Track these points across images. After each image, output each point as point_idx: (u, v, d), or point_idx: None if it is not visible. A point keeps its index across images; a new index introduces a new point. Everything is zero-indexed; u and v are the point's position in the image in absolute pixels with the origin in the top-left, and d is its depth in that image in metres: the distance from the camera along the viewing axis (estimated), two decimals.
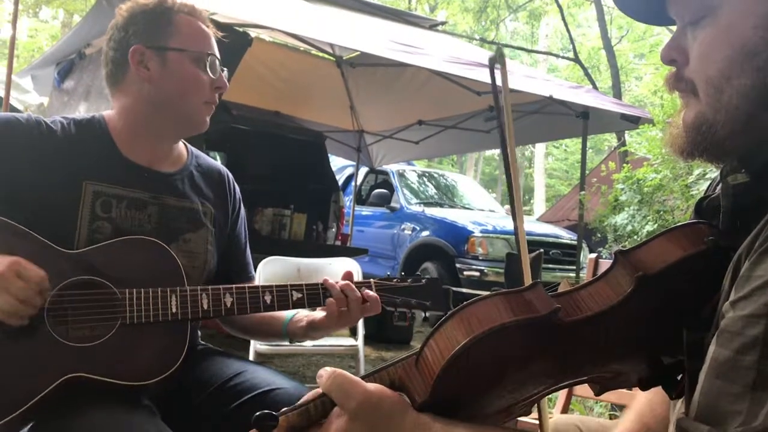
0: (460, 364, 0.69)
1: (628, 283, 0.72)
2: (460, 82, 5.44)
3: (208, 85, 1.50)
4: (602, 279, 0.75)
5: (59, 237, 1.35)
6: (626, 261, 0.74)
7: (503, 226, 7.59)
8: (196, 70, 1.49)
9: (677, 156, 0.79)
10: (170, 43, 1.47)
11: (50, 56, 5.62)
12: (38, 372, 1.24)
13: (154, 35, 1.46)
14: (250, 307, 1.42)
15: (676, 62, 0.79)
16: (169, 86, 1.47)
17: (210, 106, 1.54)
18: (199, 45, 1.50)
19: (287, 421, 0.75)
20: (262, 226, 5.72)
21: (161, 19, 1.47)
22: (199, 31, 1.51)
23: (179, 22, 1.48)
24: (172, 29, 1.47)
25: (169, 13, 1.48)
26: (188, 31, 1.49)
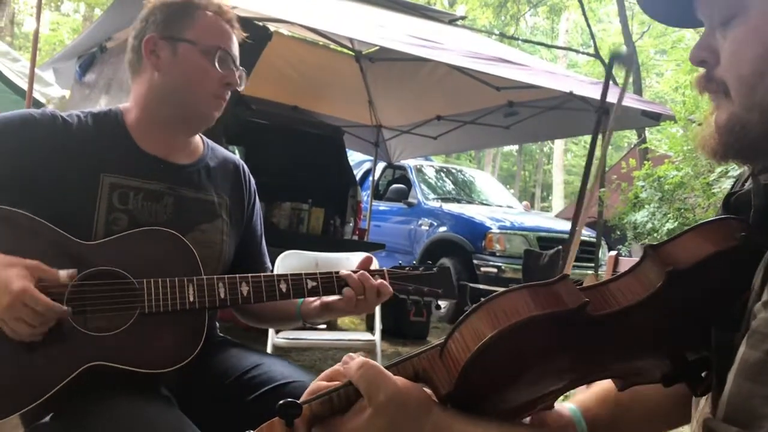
0: (486, 357, 0.68)
1: (658, 278, 0.71)
2: (480, 77, 5.41)
3: (216, 78, 1.50)
4: (631, 273, 0.74)
5: (77, 229, 1.36)
6: (656, 255, 0.73)
7: (521, 223, 7.56)
8: (205, 62, 1.48)
9: (710, 158, 0.78)
10: (184, 34, 1.47)
11: (72, 49, 5.66)
12: (59, 361, 1.25)
13: (170, 26, 1.47)
14: (266, 295, 1.42)
15: (707, 63, 0.78)
16: (177, 75, 1.48)
17: (218, 100, 1.53)
18: (213, 39, 1.49)
19: (310, 410, 0.74)
20: (280, 220, 5.73)
21: (182, 11, 1.48)
22: (217, 28, 1.51)
23: (199, 16, 1.49)
24: (189, 22, 1.48)
25: (193, 8, 1.49)
26: (205, 25, 1.49)
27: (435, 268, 1.57)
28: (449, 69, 5.53)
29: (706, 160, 4.67)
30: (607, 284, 0.75)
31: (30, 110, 1.49)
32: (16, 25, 20.39)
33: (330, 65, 6.57)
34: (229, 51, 1.52)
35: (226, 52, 1.51)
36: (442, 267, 1.58)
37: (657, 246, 0.74)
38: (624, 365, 0.77)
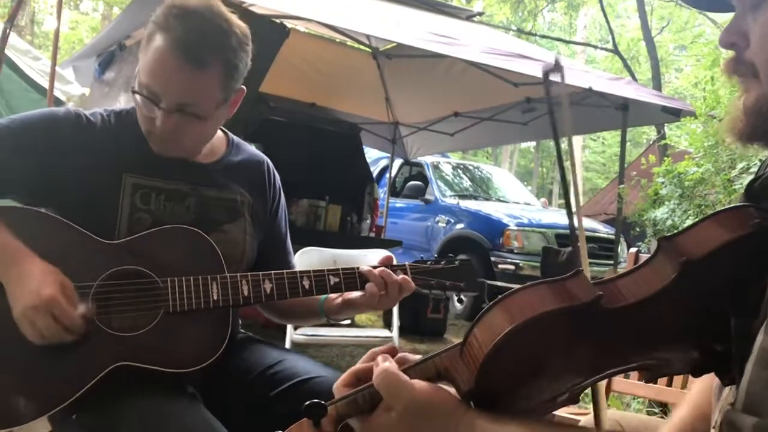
0: (504, 353, 0.68)
1: (672, 269, 0.71)
2: (497, 73, 5.39)
3: (147, 117, 1.39)
4: (646, 266, 0.74)
5: (101, 228, 1.37)
6: (670, 246, 0.73)
7: (539, 219, 7.53)
8: (137, 98, 1.39)
9: (736, 141, 0.77)
10: (141, 59, 1.38)
11: (91, 48, 5.71)
12: (86, 362, 1.26)
13: (142, 43, 1.39)
14: (290, 292, 1.42)
15: (736, 45, 0.78)
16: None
17: (158, 139, 1.42)
18: (145, 78, 1.36)
19: (336, 411, 0.76)
20: (297, 217, 5.75)
21: (149, 27, 1.37)
22: (157, 63, 1.34)
23: (154, 42, 1.34)
24: (147, 46, 1.36)
25: (156, 27, 1.35)
26: (150, 57, 1.35)
27: (457, 262, 1.56)
28: (467, 65, 5.51)
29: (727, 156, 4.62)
30: (621, 277, 0.74)
31: (54, 109, 1.50)
32: (36, 24, 20.63)
33: (347, 62, 6.58)
34: (155, 92, 1.35)
35: (149, 94, 1.36)
36: (463, 260, 1.58)
37: (671, 237, 0.74)
38: (645, 357, 0.77)
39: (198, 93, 1.37)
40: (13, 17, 4.01)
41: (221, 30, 1.35)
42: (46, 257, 1.29)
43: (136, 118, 1.49)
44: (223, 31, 1.35)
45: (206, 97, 1.37)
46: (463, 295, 1.59)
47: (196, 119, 1.39)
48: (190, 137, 1.43)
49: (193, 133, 1.42)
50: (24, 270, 1.25)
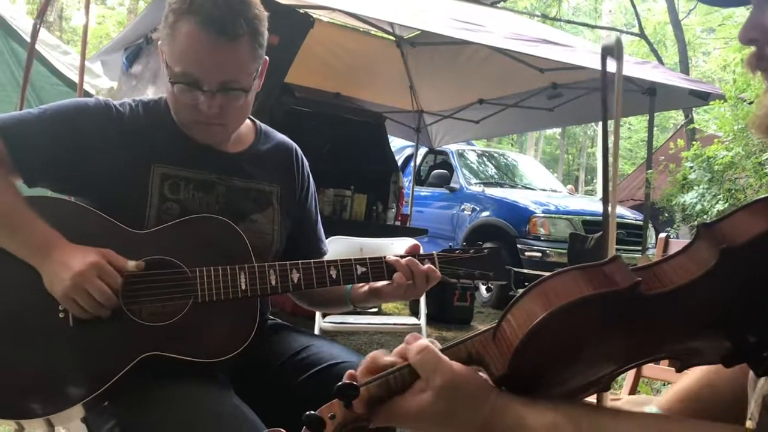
0: (538, 339, 0.68)
1: (712, 256, 0.70)
2: (522, 59, 5.35)
3: (190, 105, 1.39)
4: (684, 252, 0.73)
5: (130, 218, 1.38)
6: (709, 233, 0.71)
7: (566, 206, 7.47)
8: (176, 89, 1.38)
9: (764, 138, 0.76)
10: (166, 51, 1.38)
11: (118, 42, 5.77)
12: (116, 352, 1.28)
13: (162, 36, 1.39)
14: (317, 282, 1.42)
15: (757, 41, 0.76)
16: (167, 94, 1.45)
17: (203, 126, 1.43)
18: (180, 66, 1.35)
19: (368, 392, 0.76)
20: (324, 206, 5.77)
21: (169, 17, 1.36)
22: (190, 46, 1.34)
23: (180, 29, 1.34)
24: (172, 35, 1.36)
25: (177, 14, 1.35)
26: (180, 44, 1.34)
27: (485, 250, 1.55)
28: (491, 51, 5.48)
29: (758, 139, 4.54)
30: (659, 264, 0.73)
31: (83, 99, 1.51)
32: (65, 19, 20.88)
33: (371, 51, 6.58)
34: (196, 77, 1.35)
35: (190, 80, 1.36)
36: (492, 248, 1.56)
37: (710, 224, 0.73)
38: (679, 346, 0.76)
39: (236, 67, 1.37)
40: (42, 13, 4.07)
41: (242, 0, 1.36)
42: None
43: (164, 108, 1.50)
44: (243, 1, 1.36)
45: (244, 69, 1.39)
46: (492, 283, 1.57)
47: (240, 94, 1.40)
48: (234, 115, 1.45)
49: (237, 110, 1.43)
50: (65, 251, 1.28)
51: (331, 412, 0.75)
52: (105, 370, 1.26)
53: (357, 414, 0.75)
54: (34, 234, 1.29)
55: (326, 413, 0.75)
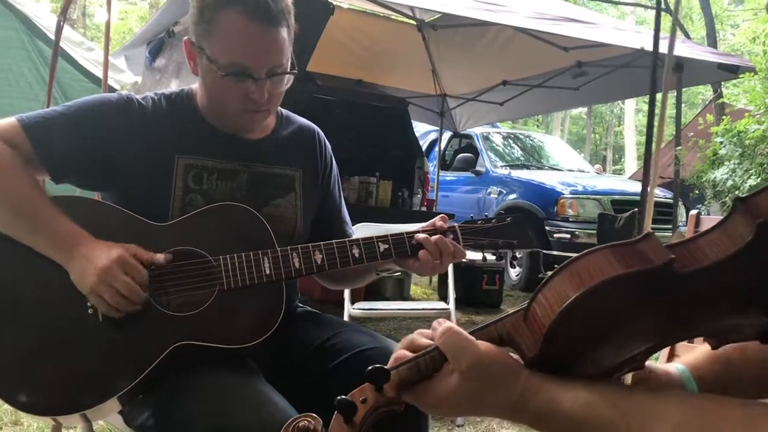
0: (571, 319, 0.67)
1: (748, 232, 0.68)
2: (546, 38, 5.28)
3: (238, 96, 1.41)
4: (719, 228, 0.71)
5: (154, 210, 1.39)
6: (745, 208, 0.70)
7: (594, 186, 7.39)
8: (224, 82, 1.39)
9: None
10: (206, 47, 1.38)
11: (141, 36, 5.81)
12: (147, 344, 1.29)
13: (198, 31, 1.39)
14: (340, 262, 1.42)
15: None
16: (207, 90, 1.46)
17: (249, 114, 1.46)
18: (234, 57, 1.37)
19: (398, 375, 0.75)
20: (349, 194, 5.77)
21: (208, 14, 1.37)
22: (241, 39, 1.36)
23: (223, 21, 1.35)
24: (213, 30, 1.37)
25: (214, 8, 1.36)
26: (226, 35, 1.36)
27: (508, 219, 1.53)
28: (514, 32, 5.42)
29: None
30: (693, 240, 0.72)
31: (107, 94, 1.53)
32: (88, 16, 21.12)
33: (392, 36, 6.54)
34: (249, 66, 1.38)
35: (244, 70, 1.38)
36: (515, 217, 1.54)
37: (746, 198, 0.70)
38: (715, 323, 0.75)
39: (280, 51, 1.40)
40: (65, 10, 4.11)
41: None
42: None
43: (186, 100, 1.52)
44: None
45: (285, 53, 1.41)
46: (518, 252, 1.53)
47: (284, 78, 1.43)
48: (277, 100, 1.48)
49: (280, 94, 1.46)
50: (90, 247, 1.29)
51: (363, 396, 0.75)
52: (137, 363, 1.27)
53: (388, 397, 0.75)
54: (59, 231, 1.30)
55: (358, 397, 0.75)
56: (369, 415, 0.74)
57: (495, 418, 3.14)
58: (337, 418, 0.74)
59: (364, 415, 0.74)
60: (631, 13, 20.75)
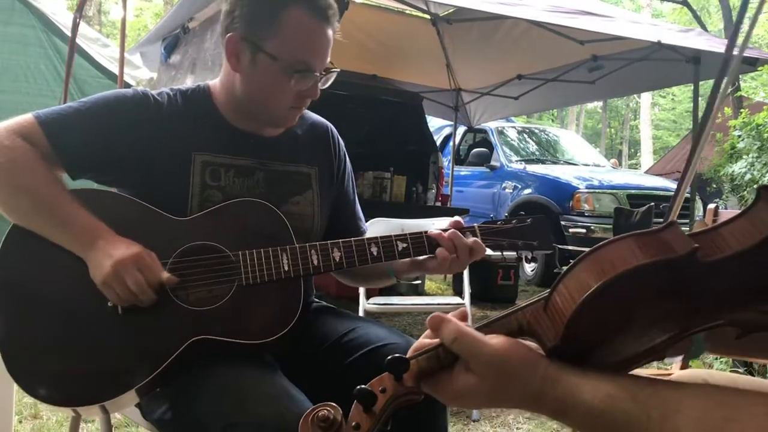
0: (592, 309, 0.66)
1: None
2: (562, 31, 5.24)
3: (294, 93, 1.44)
4: (743, 216, 0.70)
5: (173, 206, 1.40)
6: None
7: (610, 181, 7.35)
8: (284, 79, 1.42)
9: None
10: (265, 44, 1.39)
11: (156, 33, 5.83)
12: (166, 337, 1.30)
13: (254, 29, 1.40)
14: (358, 260, 1.42)
15: None
16: (254, 87, 1.45)
17: (295, 110, 1.50)
18: (295, 53, 1.40)
19: (418, 365, 0.75)
20: (363, 189, 5.77)
21: (267, 11, 1.39)
22: (303, 35, 1.40)
23: (287, 20, 1.38)
24: (274, 28, 1.39)
25: (279, 7, 1.38)
26: (292, 35, 1.39)
27: (528, 220, 1.51)
28: (529, 25, 5.38)
29: None
30: (717, 229, 0.71)
31: (122, 90, 1.53)
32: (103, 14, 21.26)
33: (406, 31, 6.52)
34: (312, 64, 1.42)
35: (308, 68, 1.42)
36: (536, 218, 1.52)
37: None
38: (738, 312, 0.74)
39: (330, 49, 1.46)
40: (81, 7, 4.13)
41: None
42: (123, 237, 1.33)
43: (202, 96, 1.52)
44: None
45: (330, 51, 1.46)
46: (536, 253, 1.52)
47: (330, 77, 1.48)
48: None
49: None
50: (109, 240, 1.30)
51: (382, 386, 0.75)
52: (155, 356, 1.27)
53: (408, 387, 0.75)
54: (80, 225, 1.31)
55: (377, 387, 0.75)
56: (388, 405, 0.74)
57: (511, 413, 3.14)
58: (356, 407, 0.74)
59: (383, 404, 0.74)
60: (647, 6, 20.58)
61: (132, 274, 1.26)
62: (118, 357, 1.29)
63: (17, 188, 1.33)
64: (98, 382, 1.27)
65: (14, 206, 1.33)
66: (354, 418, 0.74)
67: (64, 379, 1.28)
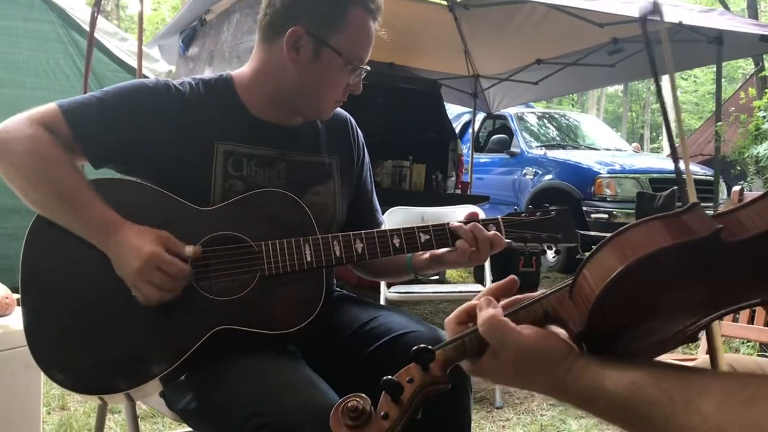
0: (616, 293, 0.65)
1: None
2: (581, 14, 5.18)
3: (344, 86, 1.49)
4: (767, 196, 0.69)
5: (196, 196, 1.40)
6: None
7: (631, 165, 7.27)
8: (342, 75, 1.46)
9: None
10: (331, 39, 1.42)
11: (174, 26, 5.85)
12: (189, 327, 1.30)
13: (322, 24, 1.42)
14: (381, 251, 1.42)
15: None
16: (310, 78, 1.45)
17: (338, 103, 1.55)
18: (358, 50, 1.46)
19: (444, 355, 0.76)
20: (383, 178, 5.77)
21: (335, 8, 1.42)
22: (364, 33, 1.46)
23: (352, 18, 1.43)
24: (341, 25, 1.42)
25: (346, 5, 1.42)
26: (354, 32, 1.44)
27: (553, 212, 1.50)
28: (548, 9, 5.33)
29: None
30: (741, 209, 0.69)
31: (143, 80, 1.53)
32: (121, 8, 21.40)
33: (423, 18, 6.47)
34: (365, 60, 1.49)
35: (363, 63, 1.48)
36: (560, 209, 1.50)
37: None
38: (766, 291, 0.72)
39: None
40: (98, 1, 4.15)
41: None
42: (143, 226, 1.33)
43: (225, 85, 1.52)
44: None
45: None
46: (560, 246, 1.51)
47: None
48: None
49: None
50: (119, 239, 1.29)
51: (409, 376, 0.76)
52: (179, 345, 1.28)
53: (435, 377, 0.76)
54: (97, 217, 1.31)
55: (404, 377, 0.76)
56: (416, 395, 0.75)
57: (535, 401, 3.14)
58: (384, 397, 0.75)
59: (411, 394, 0.75)
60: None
61: (155, 278, 1.27)
62: (143, 345, 1.30)
63: (38, 178, 1.33)
64: (123, 370, 1.28)
65: (35, 196, 1.34)
66: (383, 408, 0.74)
67: (90, 367, 1.29)
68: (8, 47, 4.72)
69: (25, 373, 1.98)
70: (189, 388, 1.34)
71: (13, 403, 1.99)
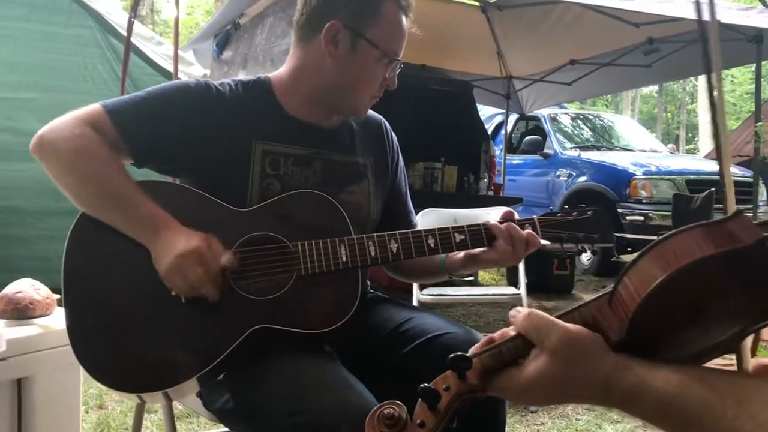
0: (657, 302, 0.64)
1: None
2: (616, 14, 5.12)
3: (380, 81, 1.51)
4: None
5: (233, 195, 1.42)
6: None
7: (667, 166, 7.16)
8: (378, 68, 1.48)
9: None
10: (367, 31, 1.45)
11: (208, 30, 5.93)
12: (227, 326, 1.32)
13: (358, 17, 1.45)
14: (415, 251, 1.42)
15: None
16: (347, 72, 1.47)
17: (374, 100, 1.56)
18: (392, 43, 1.48)
19: (480, 363, 0.75)
20: (414, 180, 5.76)
21: (371, 3, 1.45)
22: (398, 27, 1.49)
23: (385, 12, 1.46)
24: (376, 19, 1.45)
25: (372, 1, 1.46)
26: (389, 25, 1.47)
27: (589, 212, 1.48)
28: (582, 9, 5.28)
29: None
30: None
31: (185, 80, 1.56)
32: (156, 13, 21.75)
33: (456, 19, 6.45)
34: (400, 54, 1.51)
35: (398, 57, 1.50)
36: (596, 210, 1.49)
37: None
38: None
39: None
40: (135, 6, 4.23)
41: None
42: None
43: (263, 87, 1.54)
44: None
45: None
46: (596, 246, 1.50)
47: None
48: None
49: None
50: (173, 231, 1.32)
51: (446, 384, 0.75)
52: (217, 344, 1.30)
53: (471, 385, 0.75)
54: (144, 214, 1.34)
55: (441, 385, 0.75)
56: (453, 403, 0.75)
57: (569, 404, 3.10)
58: (421, 405, 0.74)
59: (447, 402, 0.74)
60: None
61: (193, 269, 1.28)
62: (181, 344, 1.32)
63: (86, 176, 1.36)
64: (161, 369, 1.30)
65: (82, 194, 1.37)
66: (419, 416, 0.74)
67: (131, 366, 1.31)
68: (51, 53, 4.82)
69: (65, 372, 2.02)
70: (226, 387, 1.36)
71: (54, 401, 2.03)
